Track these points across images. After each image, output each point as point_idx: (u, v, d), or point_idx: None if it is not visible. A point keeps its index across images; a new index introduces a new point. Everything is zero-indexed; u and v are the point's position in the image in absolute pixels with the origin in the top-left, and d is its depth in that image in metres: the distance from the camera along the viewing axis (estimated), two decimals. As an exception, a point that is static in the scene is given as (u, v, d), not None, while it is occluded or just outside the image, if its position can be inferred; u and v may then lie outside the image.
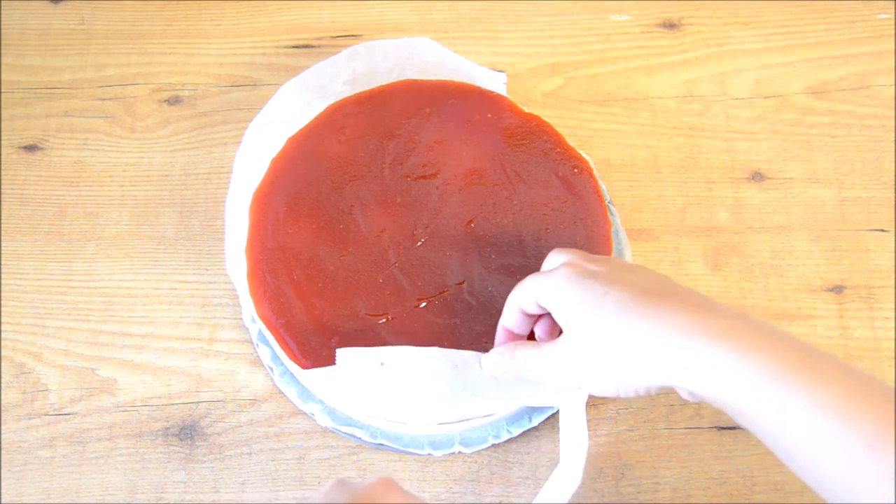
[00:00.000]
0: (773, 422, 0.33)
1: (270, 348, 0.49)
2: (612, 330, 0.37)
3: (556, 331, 0.42)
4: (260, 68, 0.60)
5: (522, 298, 0.41)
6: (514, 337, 0.43)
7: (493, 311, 0.46)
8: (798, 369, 0.32)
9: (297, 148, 0.51)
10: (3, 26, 0.62)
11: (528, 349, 0.41)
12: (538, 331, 0.43)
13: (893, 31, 0.61)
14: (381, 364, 0.44)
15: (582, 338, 0.38)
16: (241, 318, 0.51)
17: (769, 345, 0.33)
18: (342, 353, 0.44)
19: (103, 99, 0.59)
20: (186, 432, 0.48)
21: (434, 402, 0.44)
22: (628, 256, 0.52)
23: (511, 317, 0.43)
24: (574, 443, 0.42)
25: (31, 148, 0.57)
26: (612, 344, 0.37)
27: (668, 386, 0.36)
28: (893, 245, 0.53)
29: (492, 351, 0.43)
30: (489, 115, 0.52)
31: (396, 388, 0.44)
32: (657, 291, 0.37)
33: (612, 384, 0.38)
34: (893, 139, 0.57)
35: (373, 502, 0.34)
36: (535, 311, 0.41)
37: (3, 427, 0.49)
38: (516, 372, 0.42)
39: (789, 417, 0.32)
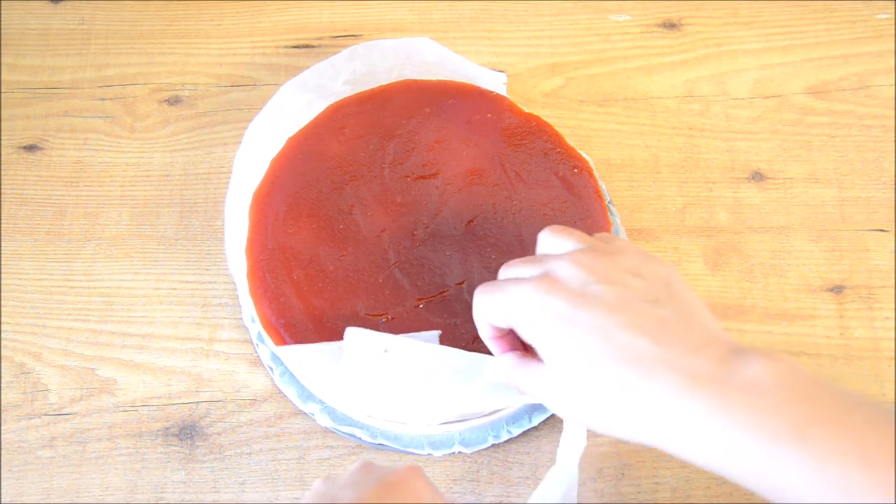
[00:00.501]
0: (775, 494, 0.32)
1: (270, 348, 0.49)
2: (599, 377, 0.34)
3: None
4: (260, 68, 0.60)
5: (486, 317, 0.38)
6: (508, 342, 0.40)
7: (493, 311, 0.46)
8: (792, 438, 0.30)
9: (297, 148, 0.51)
10: (3, 26, 0.62)
11: (521, 370, 0.38)
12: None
13: (893, 31, 0.61)
14: (385, 351, 0.43)
15: (564, 374, 0.35)
16: (241, 318, 0.51)
17: (767, 410, 0.31)
18: (351, 332, 0.44)
19: (103, 99, 0.59)
20: (186, 432, 0.48)
21: (433, 397, 0.44)
22: (628, 256, 0.51)
23: (486, 330, 0.40)
24: (571, 443, 0.42)
25: (31, 148, 0.57)
26: (598, 391, 0.34)
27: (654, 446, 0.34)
28: (893, 245, 0.53)
29: (492, 362, 0.41)
30: (489, 115, 0.52)
31: (397, 378, 0.44)
32: (653, 330, 0.34)
33: (601, 428, 0.35)
34: (893, 139, 0.57)
35: (399, 489, 0.34)
36: (506, 327, 0.38)
37: (3, 427, 0.49)
38: (516, 388, 0.39)
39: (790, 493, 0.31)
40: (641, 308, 0.35)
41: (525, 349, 0.39)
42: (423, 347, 0.44)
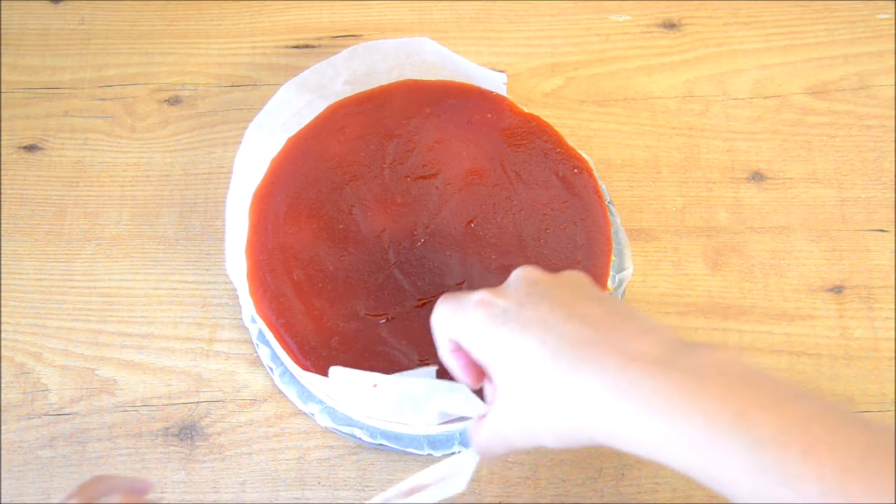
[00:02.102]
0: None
1: (270, 348, 0.49)
2: (542, 369, 0.33)
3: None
4: (260, 68, 0.60)
5: (445, 333, 0.38)
6: (464, 355, 0.38)
7: (493, 311, 0.46)
8: (733, 425, 0.29)
9: (297, 148, 0.51)
10: (3, 26, 0.62)
11: (479, 425, 0.37)
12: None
13: (893, 31, 0.61)
14: (374, 386, 0.42)
15: (510, 382, 0.35)
16: (241, 318, 0.51)
17: (699, 404, 0.30)
18: (335, 372, 0.43)
19: (103, 99, 0.59)
20: (186, 432, 0.48)
21: (423, 423, 0.44)
22: (628, 256, 0.52)
23: (445, 345, 0.38)
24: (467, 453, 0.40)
25: (31, 148, 0.57)
26: (542, 387, 0.34)
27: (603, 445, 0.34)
28: (893, 245, 0.53)
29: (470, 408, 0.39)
30: (489, 115, 0.52)
31: (387, 406, 0.43)
32: (596, 321, 0.34)
33: (551, 438, 0.35)
34: (893, 139, 0.57)
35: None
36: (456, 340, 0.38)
37: (3, 427, 0.49)
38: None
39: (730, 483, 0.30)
40: (584, 303, 0.35)
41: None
42: (408, 381, 0.42)
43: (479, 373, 0.38)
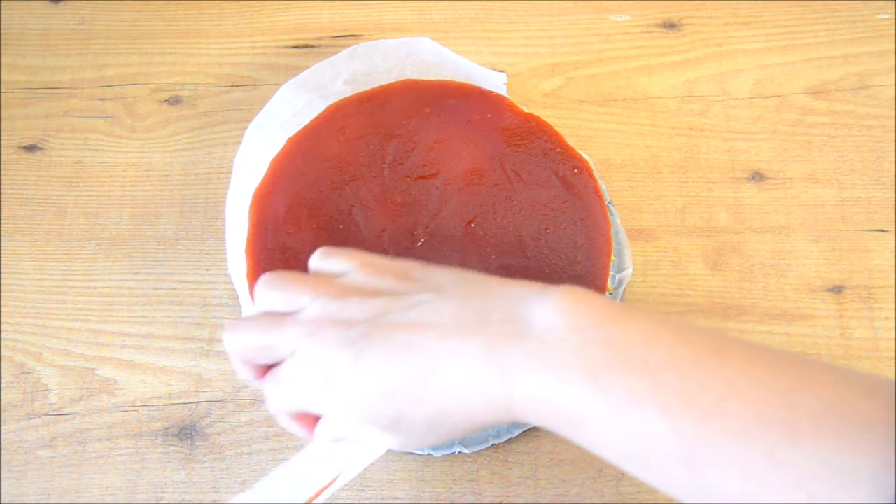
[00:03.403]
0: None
1: (270, 348, 0.49)
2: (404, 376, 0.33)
3: None
4: (260, 68, 0.60)
5: (282, 407, 0.37)
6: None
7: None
8: (589, 388, 0.30)
9: (297, 148, 0.51)
10: (3, 26, 0.62)
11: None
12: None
13: (893, 31, 0.61)
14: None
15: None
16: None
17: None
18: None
19: (103, 99, 0.59)
20: (186, 432, 0.48)
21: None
22: (628, 256, 0.52)
23: (285, 418, 0.37)
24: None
25: (31, 148, 0.57)
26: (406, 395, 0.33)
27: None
28: (893, 245, 0.53)
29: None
30: (489, 115, 0.52)
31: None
32: (433, 323, 0.33)
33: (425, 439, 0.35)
34: (893, 139, 0.57)
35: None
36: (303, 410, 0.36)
37: (3, 427, 0.49)
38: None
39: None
40: (410, 314, 0.34)
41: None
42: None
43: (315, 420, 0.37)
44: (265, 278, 0.38)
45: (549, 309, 0.32)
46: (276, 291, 0.37)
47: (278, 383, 0.36)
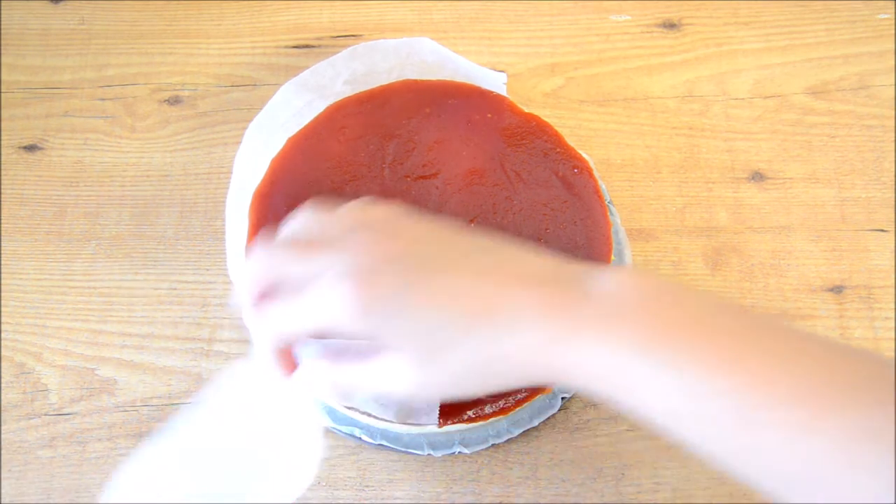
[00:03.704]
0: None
1: (270, 348, 0.49)
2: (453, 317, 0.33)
3: None
4: (260, 68, 0.60)
5: (286, 329, 0.35)
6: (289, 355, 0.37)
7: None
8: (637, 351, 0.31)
9: (297, 148, 0.51)
10: (3, 26, 0.62)
11: (354, 366, 0.35)
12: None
13: (893, 31, 0.61)
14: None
15: (412, 340, 0.33)
16: (241, 319, 0.51)
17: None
18: None
19: (103, 99, 0.59)
20: (186, 432, 0.48)
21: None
22: (628, 257, 0.52)
23: (274, 345, 0.36)
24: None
25: (31, 148, 0.57)
26: (454, 334, 0.33)
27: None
28: (893, 245, 0.53)
29: (303, 373, 0.37)
30: (489, 115, 0.52)
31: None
32: (492, 270, 0.34)
33: (461, 387, 0.34)
34: (893, 139, 0.57)
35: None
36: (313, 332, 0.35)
37: (3, 427, 0.49)
38: (342, 389, 0.37)
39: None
40: (472, 256, 0.35)
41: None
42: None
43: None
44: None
45: (605, 279, 0.33)
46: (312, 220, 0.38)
47: (300, 301, 0.34)
